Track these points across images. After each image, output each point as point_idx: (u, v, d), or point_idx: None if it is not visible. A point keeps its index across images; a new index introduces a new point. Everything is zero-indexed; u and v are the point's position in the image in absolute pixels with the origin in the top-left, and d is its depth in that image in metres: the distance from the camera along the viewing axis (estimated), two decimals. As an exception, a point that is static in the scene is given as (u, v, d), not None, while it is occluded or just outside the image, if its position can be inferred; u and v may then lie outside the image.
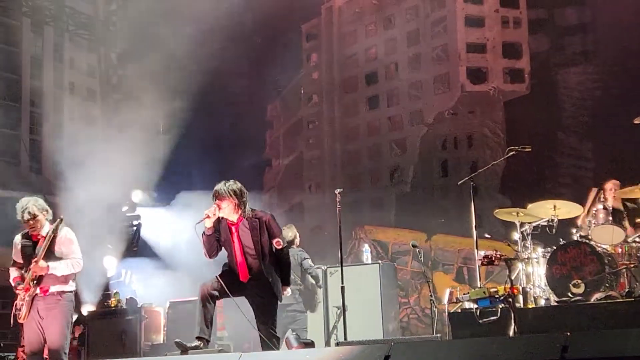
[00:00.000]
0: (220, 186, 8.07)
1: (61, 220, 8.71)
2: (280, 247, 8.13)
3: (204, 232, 8.03)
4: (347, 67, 57.28)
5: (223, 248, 8.19)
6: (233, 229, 8.05)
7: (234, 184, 8.15)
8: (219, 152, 26.99)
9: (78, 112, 64.29)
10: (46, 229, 8.70)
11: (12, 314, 8.72)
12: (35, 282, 8.50)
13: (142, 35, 23.44)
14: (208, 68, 22.15)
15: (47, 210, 8.84)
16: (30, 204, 8.71)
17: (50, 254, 8.59)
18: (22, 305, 8.54)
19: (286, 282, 8.29)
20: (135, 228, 22.81)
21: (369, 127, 55.05)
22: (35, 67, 61.51)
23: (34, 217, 8.60)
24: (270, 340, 7.93)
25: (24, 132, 58.48)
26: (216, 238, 8.05)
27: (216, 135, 25.21)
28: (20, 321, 8.66)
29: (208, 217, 7.94)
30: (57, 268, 8.51)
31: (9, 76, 58.61)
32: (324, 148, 57.50)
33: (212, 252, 8.07)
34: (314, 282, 11.65)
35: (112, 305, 16.24)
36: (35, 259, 8.46)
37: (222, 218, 8.08)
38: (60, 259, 8.62)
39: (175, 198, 22.64)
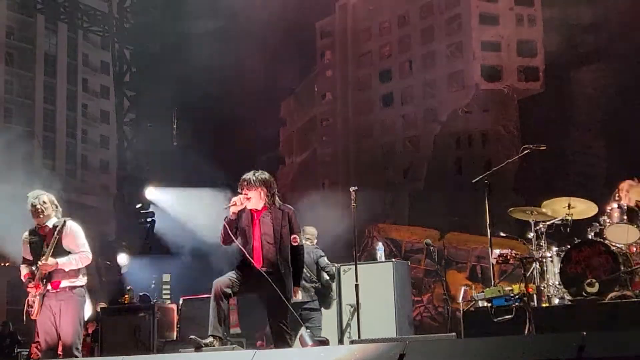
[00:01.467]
0: (249, 175, 8.08)
1: (64, 222, 8.73)
2: (297, 243, 8.14)
3: (226, 217, 8.07)
4: (361, 64, 57.26)
5: (239, 237, 8.19)
6: (255, 216, 8.08)
7: (262, 174, 8.18)
8: (232, 148, 27.03)
9: (91, 108, 64.68)
10: (52, 222, 8.72)
11: (25, 310, 8.75)
12: (44, 280, 8.52)
13: (155, 33, 23.53)
14: (222, 65, 22.17)
15: (56, 205, 8.88)
16: (42, 194, 8.78)
17: (59, 249, 8.61)
18: (34, 302, 8.57)
19: (297, 283, 8.26)
20: (148, 225, 22.88)
21: (383, 125, 55.03)
22: (49, 64, 61.79)
23: (43, 203, 8.64)
24: (282, 336, 7.92)
25: (37, 128, 58.76)
26: (235, 225, 8.08)
27: (230, 131, 25.23)
28: (32, 318, 8.69)
29: (235, 204, 7.99)
30: (65, 264, 8.53)
31: (23, 73, 58.90)
32: (337, 146, 57.50)
33: (228, 238, 8.09)
34: (329, 279, 11.65)
35: (126, 301, 16.27)
36: (43, 258, 8.48)
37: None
38: (69, 253, 8.66)
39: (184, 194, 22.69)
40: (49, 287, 8.56)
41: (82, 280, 8.79)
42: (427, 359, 5.48)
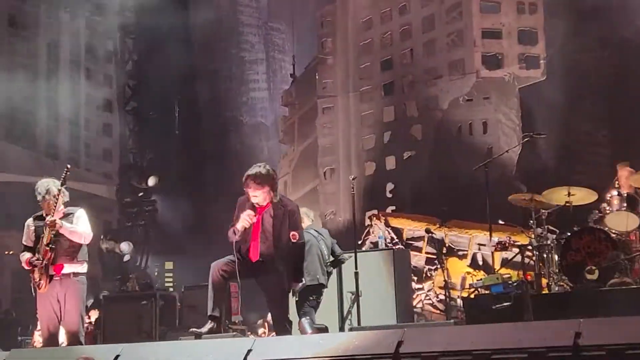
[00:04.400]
0: (256, 171, 7.93)
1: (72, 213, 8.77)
2: (296, 240, 8.10)
3: (235, 234, 7.98)
4: (362, 53, 57.23)
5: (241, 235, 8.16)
6: (258, 212, 8.03)
7: (266, 169, 8.03)
8: (234, 137, 27.08)
9: (94, 97, 64.72)
10: (60, 209, 8.74)
11: (32, 285, 8.75)
12: (51, 245, 8.51)
13: (157, 21, 23.52)
14: (224, 53, 22.18)
15: (64, 193, 8.89)
16: (51, 183, 8.78)
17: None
18: (41, 275, 8.57)
19: (297, 276, 8.25)
20: (150, 213, 22.95)
21: (384, 113, 55.03)
22: (52, 52, 61.74)
23: (52, 195, 8.65)
24: (282, 324, 7.95)
25: (41, 116, 58.73)
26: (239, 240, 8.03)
27: (231, 121, 25.26)
28: (40, 291, 8.66)
29: (244, 227, 7.90)
30: (69, 228, 8.52)
31: (26, 61, 58.89)
32: (339, 134, 57.54)
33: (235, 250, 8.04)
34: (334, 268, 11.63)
35: (128, 289, 16.35)
36: (50, 216, 8.47)
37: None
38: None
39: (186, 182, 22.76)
40: (51, 271, 8.58)
41: (84, 267, 8.82)
42: (425, 346, 5.52)
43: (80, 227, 8.69)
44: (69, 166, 8.91)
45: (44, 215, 8.76)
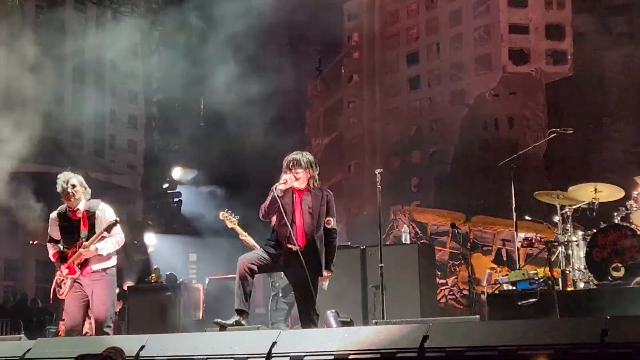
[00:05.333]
0: (299, 156, 8.15)
1: (99, 205, 8.80)
2: (330, 226, 8.23)
3: (273, 193, 8.14)
4: (389, 47, 57.20)
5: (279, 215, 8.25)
6: (297, 195, 8.16)
7: (309, 155, 8.29)
8: (258, 131, 27.08)
9: (119, 88, 65.01)
10: (82, 205, 8.76)
11: (52, 289, 8.78)
12: (80, 265, 8.57)
13: (183, 13, 23.52)
14: (249, 46, 22.18)
15: (85, 187, 8.92)
16: (73, 176, 8.82)
17: (92, 234, 8.66)
18: (63, 282, 8.60)
19: (328, 266, 8.32)
20: (175, 205, 23.00)
21: (410, 107, 54.98)
22: (79, 44, 62.03)
23: (73, 187, 8.68)
24: (310, 316, 7.97)
25: (66, 107, 59.07)
26: (280, 202, 8.16)
27: (256, 114, 25.27)
28: (60, 297, 8.71)
29: (286, 182, 8.07)
30: (104, 249, 8.58)
31: (53, 52, 59.24)
32: (364, 128, 57.51)
33: (270, 212, 8.15)
34: None
35: (152, 280, 16.39)
36: (85, 244, 8.50)
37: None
38: (103, 237, 8.70)
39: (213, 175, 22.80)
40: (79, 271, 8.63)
41: (113, 260, 8.86)
42: (450, 341, 5.50)
43: (111, 242, 8.71)
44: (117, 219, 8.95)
45: (67, 209, 8.80)
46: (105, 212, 8.82)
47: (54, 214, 8.97)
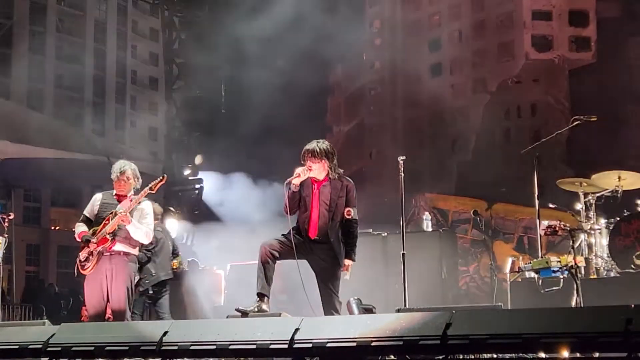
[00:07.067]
0: (313, 146, 8.05)
1: (163, 177, 8.89)
2: (350, 217, 8.16)
3: (289, 189, 8.10)
4: (410, 33, 56.96)
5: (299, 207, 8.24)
6: (316, 185, 8.12)
7: (324, 144, 8.18)
8: (280, 119, 27.11)
9: (140, 75, 65.10)
10: (130, 194, 8.83)
11: (76, 265, 8.80)
12: (112, 235, 8.58)
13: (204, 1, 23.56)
14: (269, 34, 22.15)
15: (138, 178, 9.00)
16: (128, 165, 8.90)
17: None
18: (87, 258, 8.62)
19: (349, 256, 8.28)
20: (197, 192, 23.06)
21: (431, 94, 54.82)
22: (99, 31, 62.27)
23: (126, 177, 8.75)
24: (332, 303, 7.98)
25: (87, 94, 59.36)
26: (300, 194, 8.13)
27: (277, 102, 25.25)
28: (84, 273, 8.71)
29: (299, 175, 8.02)
30: (136, 226, 8.61)
31: (74, 40, 59.44)
32: (385, 115, 57.41)
33: (293, 208, 8.13)
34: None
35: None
36: (123, 210, 8.54)
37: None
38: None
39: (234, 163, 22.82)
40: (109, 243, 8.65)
41: (136, 250, 8.89)
42: (473, 329, 5.49)
43: (144, 226, 8.76)
44: (165, 176, 9.03)
45: (115, 195, 8.86)
46: (143, 206, 8.87)
47: (98, 194, 9.04)
